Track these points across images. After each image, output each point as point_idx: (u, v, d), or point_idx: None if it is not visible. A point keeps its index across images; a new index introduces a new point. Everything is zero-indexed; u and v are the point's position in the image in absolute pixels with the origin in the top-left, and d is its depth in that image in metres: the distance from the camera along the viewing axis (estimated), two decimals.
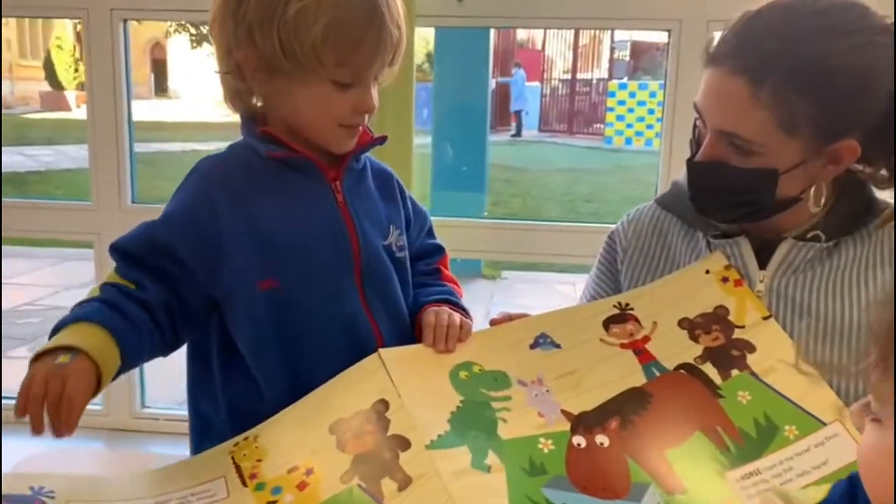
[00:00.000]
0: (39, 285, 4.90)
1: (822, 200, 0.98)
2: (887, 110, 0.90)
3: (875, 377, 0.53)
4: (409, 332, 1.07)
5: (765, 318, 0.99)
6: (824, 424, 0.88)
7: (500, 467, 0.86)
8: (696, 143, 1.02)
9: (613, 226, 1.19)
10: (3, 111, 14.41)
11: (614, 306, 1.05)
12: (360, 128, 1.02)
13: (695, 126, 1.02)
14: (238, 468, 0.89)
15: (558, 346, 1.00)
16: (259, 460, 0.90)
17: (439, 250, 1.20)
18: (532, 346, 1.01)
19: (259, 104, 1.02)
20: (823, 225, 1.00)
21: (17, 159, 9.55)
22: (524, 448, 0.88)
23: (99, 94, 2.06)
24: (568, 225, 2.31)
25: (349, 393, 0.94)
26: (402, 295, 1.08)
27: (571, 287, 4.49)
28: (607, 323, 1.03)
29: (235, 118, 1.04)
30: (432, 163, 3.97)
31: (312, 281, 0.99)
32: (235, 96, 1.01)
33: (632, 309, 1.04)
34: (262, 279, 0.96)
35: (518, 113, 13.97)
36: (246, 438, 0.92)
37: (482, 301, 4.29)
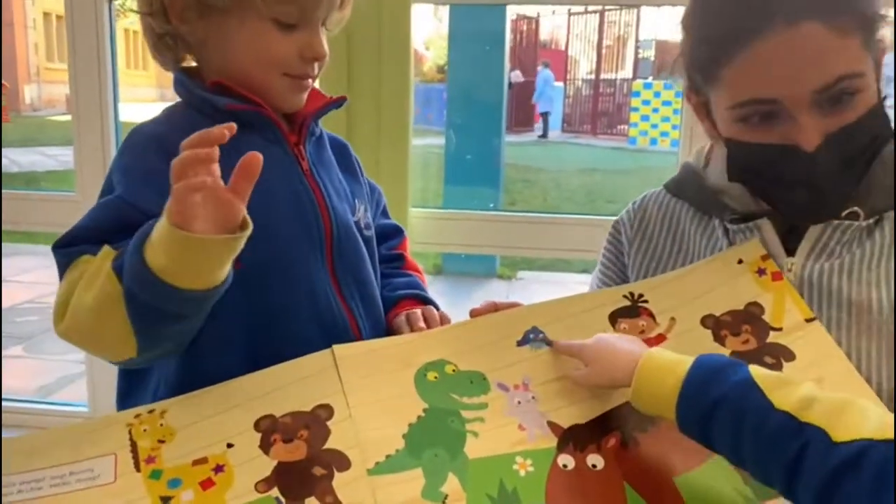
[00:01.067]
0: (42, 283, 4.86)
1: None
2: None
3: None
4: (384, 319, 0.95)
5: (808, 321, 0.83)
6: None
7: (460, 495, 0.71)
8: (756, 152, 0.84)
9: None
10: (31, 113, 14.57)
11: (625, 296, 0.89)
12: (310, 81, 0.88)
13: (732, 146, 0.85)
14: (134, 446, 0.75)
15: (551, 343, 0.85)
16: (161, 441, 0.75)
17: (399, 232, 1.08)
18: (520, 343, 0.85)
19: (188, 56, 0.88)
20: (862, 200, 0.84)
21: (37, 159, 9.63)
22: (495, 470, 0.73)
23: (83, 73, 1.95)
24: (586, 218, 2.19)
25: (289, 388, 0.79)
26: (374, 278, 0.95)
27: (586, 288, 4.31)
28: (615, 316, 0.88)
29: None
30: (445, 158, 3.89)
31: (279, 261, 0.85)
32: (162, 45, 0.87)
33: (646, 301, 0.89)
34: None
35: (545, 114, 13.85)
36: (151, 411, 0.77)
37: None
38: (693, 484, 0.72)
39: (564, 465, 0.73)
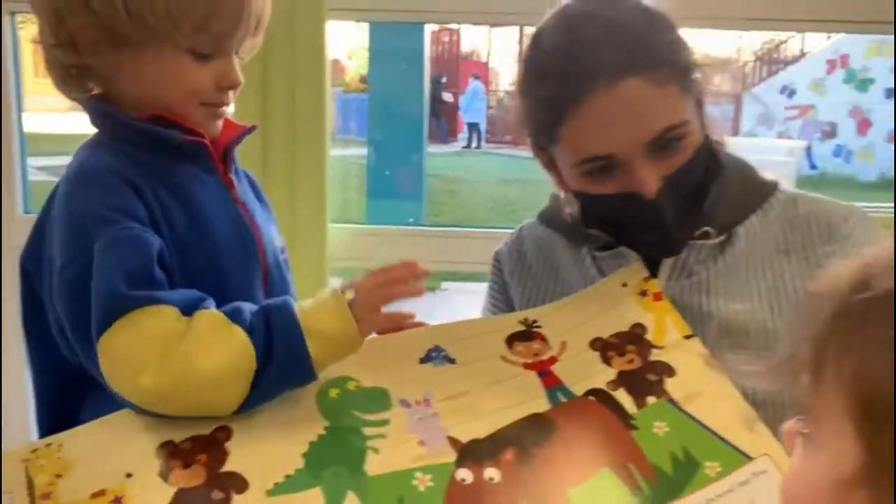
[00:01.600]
0: None
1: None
2: None
3: (807, 387, 0.43)
4: None
5: (686, 338, 0.87)
6: (749, 459, 0.77)
7: None
8: (601, 204, 0.89)
9: None
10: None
11: (520, 322, 0.93)
12: (226, 109, 0.89)
13: (583, 199, 0.91)
14: (30, 483, 0.72)
15: (453, 361, 0.87)
16: (58, 476, 0.73)
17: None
18: (423, 360, 0.87)
19: (95, 87, 0.87)
20: (711, 219, 0.90)
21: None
22: (394, 486, 0.74)
23: None
24: (504, 231, 2.24)
25: None
26: None
27: None
28: (511, 340, 0.90)
29: None
30: (367, 172, 3.90)
31: (225, 288, 0.85)
32: (69, 77, 0.86)
33: (539, 326, 0.92)
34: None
35: (474, 125, 14.02)
36: (49, 445, 0.76)
37: (421, 314, 4.16)
38: (584, 495, 0.75)
39: (462, 480, 0.75)
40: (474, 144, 14.06)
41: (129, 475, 0.74)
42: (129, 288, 0.74)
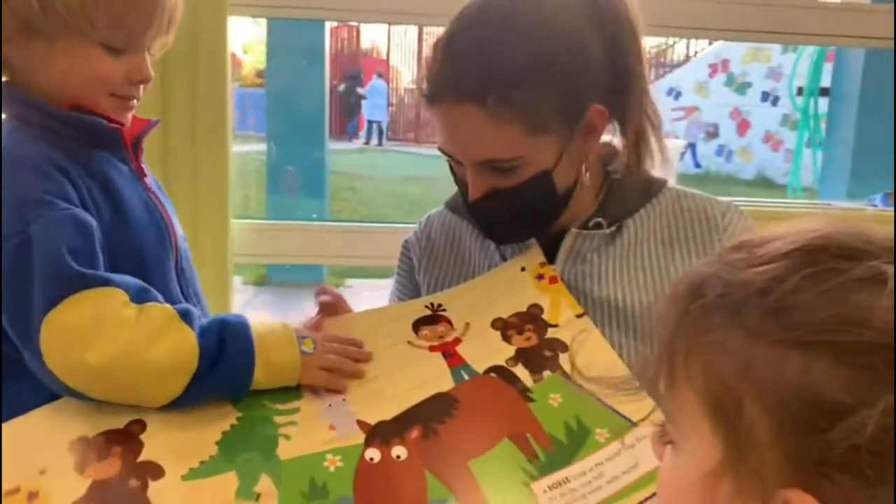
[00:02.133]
0: None
1: (589, 175, 0.98)
2: (615, 65, 0.91)
3: (665, 395, 0.47)
4: None
5: (578, 316, 0.94)
6: (634, 425, 0.83)
7: (272, 493, 0.75)
8: (457, 181, 0.98)
9: None
10: None
11: (426, 307, 0.98)
12: (135, 102, 0.91)
13: (451, 167, 0.98)
14: None
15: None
16: None
17: None
18: None
19: (5, 74, 0.87)
20: (604, 211, 0.98)
21: None
22: (306, 468, 0.78)
23: None
24: (408, 227, 2.28)
25: (103, 408, 0.80)
26: None
27: None
28: (417, 325, 0.95)
29: None
30: (267, 168, 3.84)
31: (143, 275, 0.85)
32: None
33: (444, 310, 0.97)
34: None
35: (376, 123, 13.98)
36: None
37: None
38: (484, 465, 0.80)
39: (371, 459, 0.79)
40: (375, 142, 14.03)
41: (42, 471, 0.75)
42: (78, 265, 0.75)
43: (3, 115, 0.88)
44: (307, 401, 0.85)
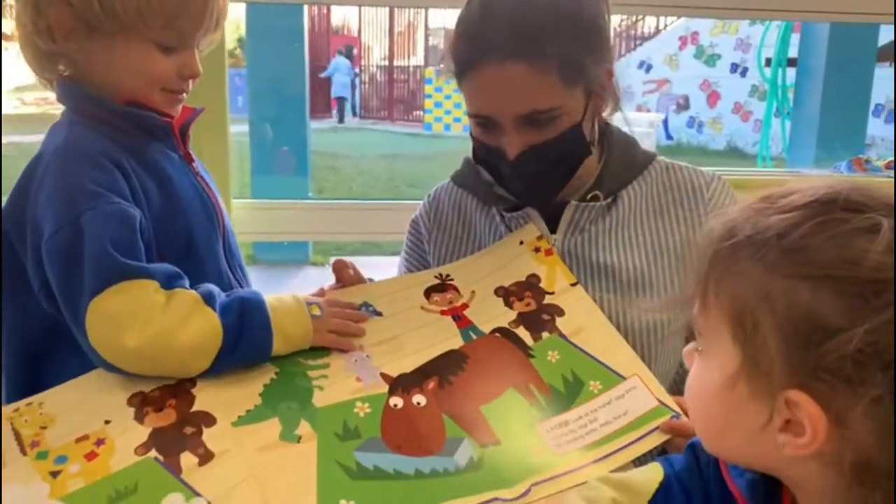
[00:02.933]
0: None
1: (595, 138, 1.06)
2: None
3: (696, 312, 0.58)
4: None
5: (572, 285, 1.05)
6: (623, 379, 0.95)
7: (311, 436, 0.85)
8: (485, 153, 1.04)
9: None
10: None
11: (435, 277, 1.08)
12: (185, 95, 0.99)
13: (474, 140, 1.05)
14: (17, 435, 0.83)
15: (380, 314, 1.02)
16: (43, 427, 0.84)
17: None
18: None
19: (66, 70, 0.95)
20: (600, 185, 1.07)
21: None
22: (339, 414, 0.88)
23: None
24: (395, 203, 2.36)
25: None
26: None
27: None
28: (428, 292, 1.06)
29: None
30: (251, 148, 3.86)
31: (195, 257, 0.97)
32: (43, 59, 0.94)
33: (452, 280, 1.08)
34: (151, 260, 0.92)
35: (341, 100, 13.86)
36: (29, 404, 0.86)
37: (314, 288, 4.22)
38: (494, 410, 0.91)
39: (395, 405, 0.90)
40: (345, 119, 13.91)
41: (107, 421, 0.85)
42: (122, 256, 0.85)
43: (64, 109, 0.96)
44: (335, 357, 0.95)
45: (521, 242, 1.10)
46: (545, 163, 1.00)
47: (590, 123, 1.03)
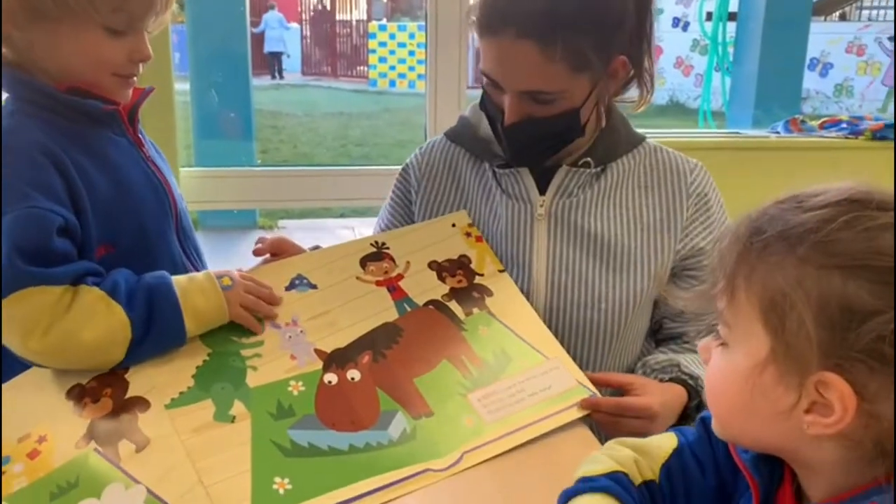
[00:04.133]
0: None
1: (603, 121, 1.10)
2: (640, 22, 1.03)
3: (723, 304, 0.61)
4: None
5: (500, 271, 1.09)
6: (547, 358, 0.99)
7: (245, 415, 0.87)
8: (489, 105, 1.07)
9: (386, 167, 1.23)
10: None
11: (371, 244, 1.10)
12: (135, 79, 0.97)
13: (483, 90, 1.07)
14: None
15: (314, 286, 1.03)
16: None
17: None
18: (287, 288, 1.02)
19: (9, 55, 0.92)
20: (592, 153, 1.10)
21: None
22: (273, 393, 0.90)
23: None
24: (343, 169, 2.34)
25: None
26: None
27: (351, 231, 4.46)
28: (364, 261, 1.07)
29: None
30: (194, 111, 3.76)
31: (145, 243, 0.96)
32: None
33: (388, 248, 1.09)
34: (98, 246, 0.92)
35: (276, 55, 13.51)
36: None
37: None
38: (427, 382, 0.94)
39: (329, 382, 0.92)
40: (279, 75, 13.56)
41: (48, 417, 0.86)
42: (25, 263, 0.84)
43: (5, 95, 0.93)
44: (269, 334, 0.96)
45: (454, 225, 1.13)
46: (535, 136, 1.04)
47: (591, 106, 1.06)
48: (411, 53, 12.20)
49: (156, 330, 0.89)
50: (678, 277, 1.11)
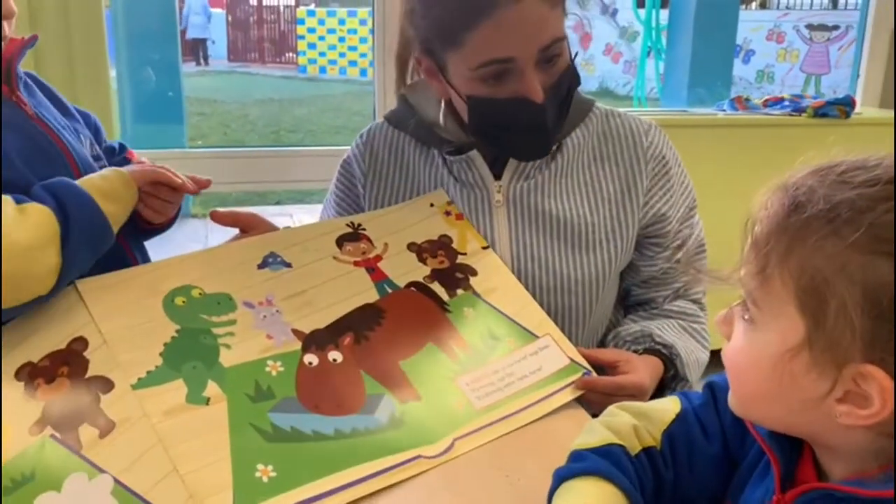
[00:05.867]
0: None
1: None
2: None
3: (755, 284, 0.56)
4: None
5: (484, 248, 1.04)
6: (537, 337, 0.95)
7: (221, 397, 0.80)
8: (493, 108, 0.98)
9: (325, 147, 1.16)
10: None
11: (347, 225, 1.04)
12: (6, 35, 0.88)
13: (475, 102, 0.99)
14: None
15: (289, 265, 0.96)
16: None
17: (123, 148, 1.12)
18: (260, 266, 0.95)
19: None
20: None
21: None
22: (249, 373, 0.83)
23: None
24: (276, 150, 2.27)
25: (41, 332, 0.82)
26: None
27: (289, 219, 4.38)
28: (341, 241, 1.01)
29: None
30: (120, 93, 3.59)
31: None
32: None
33: (364, 229, 1.03)
34: None
35: (200, 41, 13.12)
36: None
37: (197, 241, 4.04)
38: (413, 365, 0.89)
39: (310, 363, 0.86)
40: (197, 62, 13.20)
41: None
42: None
43: None
44: (241, 313, 0.89)
45: (432, 205, 1.07)
46: (560, 99, 0.99)
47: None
48: (341, 39, 12.05)
49: (73, 217, 0.83)
50: (642, 246, 1.08)
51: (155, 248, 1.10)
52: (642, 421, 0.69)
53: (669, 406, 0.71)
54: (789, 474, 0.60)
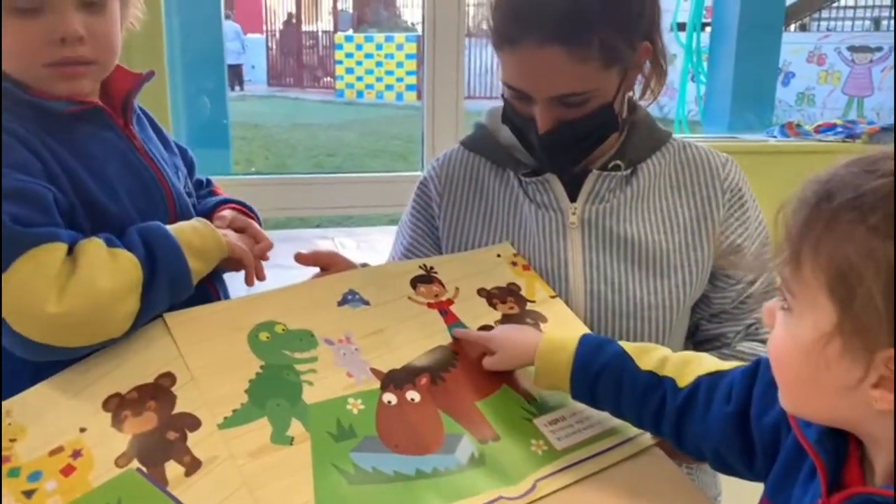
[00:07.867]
0: None
1: (624, 112, 1.06)
2: (654, 4, 1.00)
3: (788, 272, 0.58)
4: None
5: (552, 297, 1.04)
6: None
7: (304, 436, 0.80)
8: (514, 117, 1.03)
9: (369, 174, 1.18)
10: None
11: (420, 267, 1.04)
12: (82, 67, 0.85)
13: (505, 101, 1.03)
14: None
15: (367, 303, 0.97)
16: (13, 440, 0.76)
17: (209, 182, 1.13)
18: (340, 304, 0.96)
19: None
20: (621, 155, 1.07)
21: None
22: (332, 411, 0.83)
23: None
24: (322, 177, 2.30)
25: (128, 364, 0.84)
26: None
27: (330, 242, 4.39)
28: (415, 282, 1.02)
29: None
30: (172, 117, 3.66)
31: None
32: None
33: (436, 272, 1.04)
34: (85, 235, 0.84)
35: (234, 67, 13.37)
36: None
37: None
38: (490, 406, 0.88)
39: (389, 402, 0.86)
40: (238, 88, 13.41)
41: (82, 430, 0.77)
42: (24, 227, 0.77)
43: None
44: (322, 350, 0.90)
45: (499, 256, 1.08)
46: (573, 138, 1.00)
47: (621, 99, 1.02)
48: (378, 64, 12.19)
49: (161, 268, 0.84)
50: (715, 277, 1.08)
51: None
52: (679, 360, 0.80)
53: (713, 362, 0.79)
54: (836, 478, 0.61)
